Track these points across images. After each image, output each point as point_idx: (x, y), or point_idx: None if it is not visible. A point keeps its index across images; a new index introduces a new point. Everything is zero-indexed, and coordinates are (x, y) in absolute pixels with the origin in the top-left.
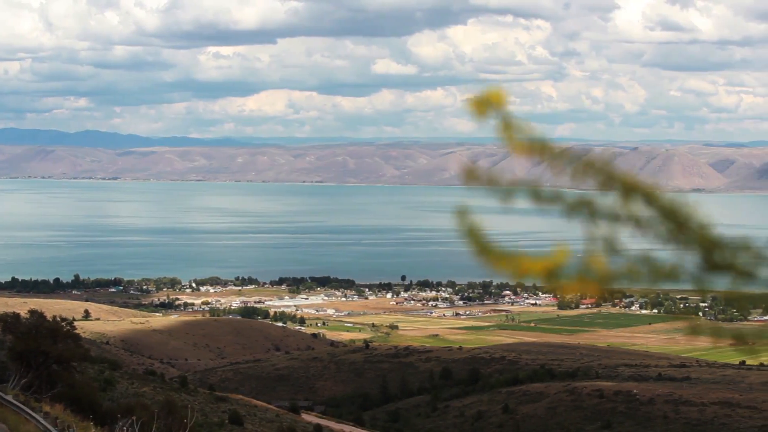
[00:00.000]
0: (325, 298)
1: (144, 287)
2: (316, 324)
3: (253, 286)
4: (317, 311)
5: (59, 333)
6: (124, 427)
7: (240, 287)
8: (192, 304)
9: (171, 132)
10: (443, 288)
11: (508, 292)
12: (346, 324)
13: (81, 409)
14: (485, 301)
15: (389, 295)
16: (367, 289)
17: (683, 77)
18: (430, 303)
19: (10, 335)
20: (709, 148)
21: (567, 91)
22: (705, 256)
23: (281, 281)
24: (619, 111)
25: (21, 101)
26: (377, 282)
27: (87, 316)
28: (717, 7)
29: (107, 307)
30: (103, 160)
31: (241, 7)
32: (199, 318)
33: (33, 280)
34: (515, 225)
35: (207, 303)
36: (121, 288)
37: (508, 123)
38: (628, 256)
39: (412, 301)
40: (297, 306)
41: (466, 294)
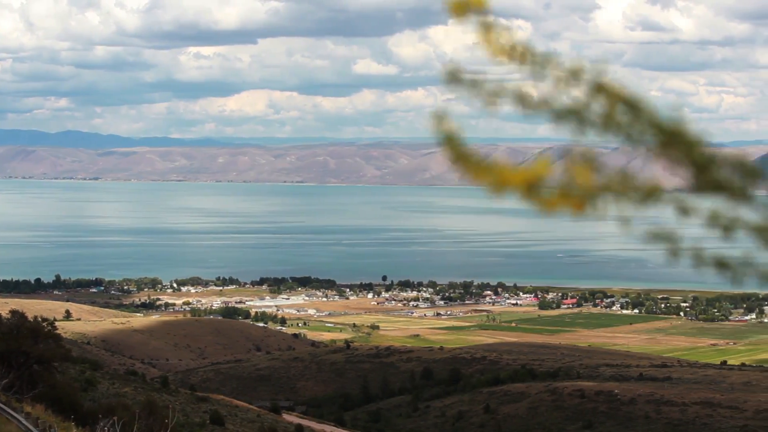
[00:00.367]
0: (306, 298)
1: (125, 287)
2: (297, 324)
3: (234, 286)
4: (298, 311)
5: (40, 333)
6: (105, 428)
7: (221, 287)
8: (173, 304)
9: (152, 132)
10: (424, 288)
11: (488, 292)
12: (327, 324)
13: (62, 410)
14: (466, 301)
15: (370, 296)
16: (348, 290)
17: (664, 77)
18: (411, 303)
19: None
20: None
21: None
22: (696, 173)
23: (262, 281)
24: None
25: (1, 101)
26: (358, 282)
27: (68, 316)
28: (697, 7)
29: (88, 308)
30: (84, 160)
31: (222, 8)
32: (180, 318)
33: (14, 280)
34: (504, 225)
35: (188, 303)
36: (102, 288)
37: (488, 25)
38: (613, 170)
39: (393, 302)
40: (278, 306)
41: (447, 294)
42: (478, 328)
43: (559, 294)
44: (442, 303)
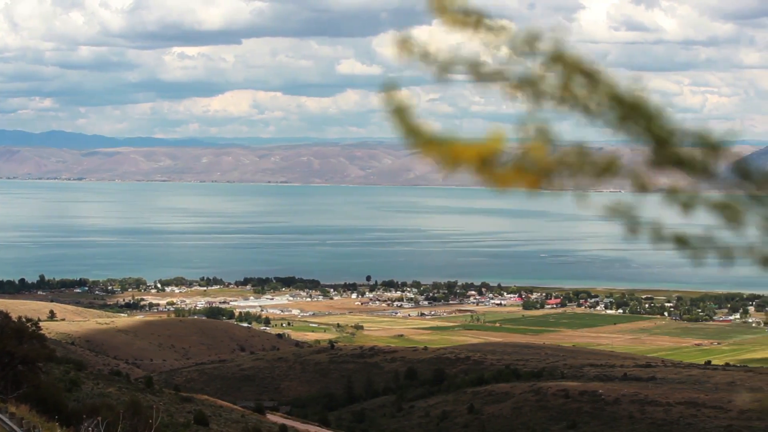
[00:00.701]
0: (290, 298)
1: (109, 288)
2: (281, 324)
3: (218, 286)
4: (282, 311)
5: (25, 334)
6: (89, 428)
7: (205, 287)
8: (157, 304)
9: (136, 132)
10: (408, 288)
11: (473, 292)
12: (311, 324)
13: (47, 410)
14: (450, 302)
15: (354, 296)
16: (332, 290)
17: (648, 77)
18: (395, 303)
19: None
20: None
21: None
22: (655, 147)
23: (246, 281)
24: None
25: None
26: (342, 282)
27: (52, 316)
28: (682, 7)
29: (72, 308)
30: (69, 160)
31: (206, 8)
32: (165, 318)
33: None
34: (488, 225)
35: (172, 303)
36: (87, 288)
37: None
38: (569, 144)
39: (377, 302)
40: (262, 306)
41: (431, 294)
42: (462, 328)
43: (543, 294)
44: (426, 303)
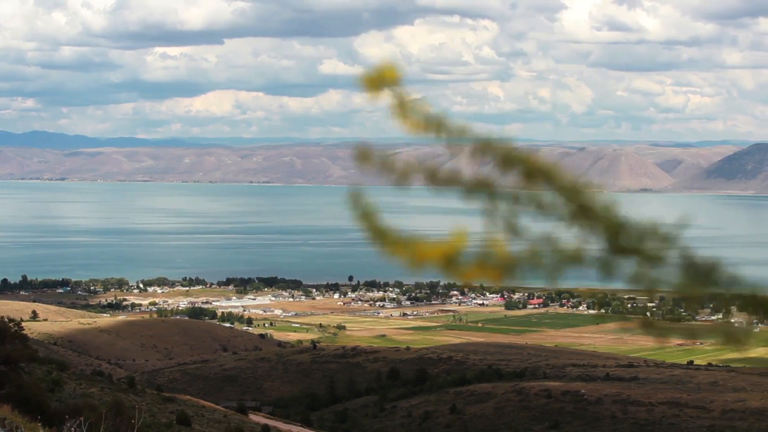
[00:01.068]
0: (273, 298)
1: (91, 288)
2: (263, 324)
3: (201, 286)
4: (264, 312)
5: (7, 334)
6: (72, 428)
7: (187, 288)
8: (139, 304)
9: (118, 132)
10: (390, 288)
11: (455, 292)
12: (293, 324)
13: (29, 410)
14: (432, 302)
15: (336, 296)
16: (315, 290)
17: (630, 77)
18: (377, 303)
19: None
20: (657, 148)
21: (514, 92)
22: (610, 239)
23: (228, 282)
24: (566, 111)
25: None
26: (325, 282)
27: (35, 316)
28: (664, 7)
29: (55, 308)
30: (51, 160)
31: (188, 8)
32: (147, 318)
33: None
34: (470, 225)
35: (154, 304)
36: (69, 289)
37: (401, 100)
38: (530, 239)
39: (359, 302)
40: (244, 306)
41: (413, 294)
42: (444, 328)
43: (526, 294)
44: (408, 303)
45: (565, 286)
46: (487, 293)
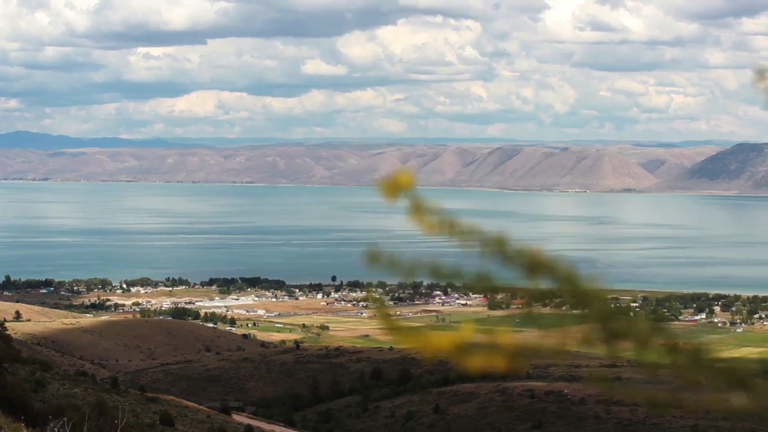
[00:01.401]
0: (256, 298)
1: (75, 288)
2: (246, 325)
3: (184, 286)
4: (248, 312)
5: None
6: (55, 428)
7: (171, 288)
8: (123, 305)
9: (101, 133)
10: (374, 288)
11: (438, 292)
12: (276, 325)
13: (12, 410)
14: (416, 302)
15: (320, 296)
16: (298, 290)
17: (613, 77)
18: (360, 304)
19: None
20: (640, 148)
21: (497, 92)
22: (604, 326)
23: (212, 282)
24: (550, 111)
25: None
26: (308, 283)
27: (18, 317)
28: (647, 8)
29: (38, 308)
30: (34, 161)
31: (171, 8)
32: (130, 319)
33: None
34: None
35: (137, 304)
36: (52, 289)
37: (417, 204)
38: (533, 326)
39: (342, 302)
40: (227, 307)
41: (396, 294)
42: (428, 328)
43: (509, 294)
44: (391, 303)
45: (548, 286)
46: (470, 293)
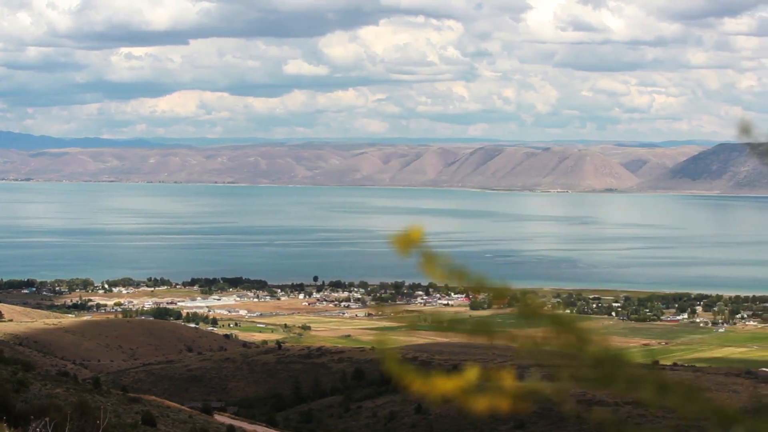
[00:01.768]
0: (238, 298)
1: (57, 288)
2: (228, 325)
3: (166, 287)
4: (229, 312)
5: None
6: (37, 429)
7: (152, 288)
8: (104, 305)
9: (83, 133)
10: (355, 288)
11: (420, 292)
12: (258, 325)
13: None
14: (398, 302)
15: (301, 296)
16: (280, 290)
17: (595, 77)
18: (342, 304)
19: None
20: (622, 148)
21: (479, 92)
22: (597, 371)
23: (193, 282)
24: (531, 111)
25: None
26: (290, 283)
27: (0, 317)
28: (629, 8)
29: (20, 309)
30: (16, 161)
31: (153, 8)
32: (112, 319)
33: None
34: (434, 226)
35: (119, 304)
36: (34, 289)
37: (429, 257)
38: (532, 371)
39: (324, 302)
40: (209, 307)
41: (378, 294)
42: (409, 328)
43: (491, 294)
44: (373, 303)
45: (531, 286)
46: (452, 293)
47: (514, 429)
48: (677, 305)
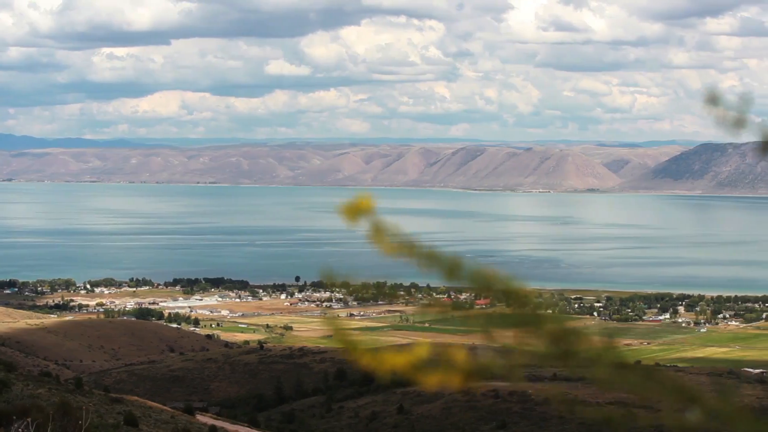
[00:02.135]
0: (219, 299)
1: (39, 289)
2: (210, 325)
3: (148, 287)
4: (211, 312)
5: None
6: (19, 429)
7: (134, 288)
8: (86, 305)
9: (65, 133)
10: (338, 289)
11: (401, 292)
12: (240, 325)
13: None
14: (380, 302)
15: (283, 296)
16: (261, 290)
17: (577, 77)
18: (324, 304)
19: None
20: (603, 148)
21: (460, 92)
22: (555, 346)
23: (175, 282)
24: (513, 111)
25: None
26: (271, 283)
27: None
28: (610, 8)
29: (2, 309)
30: None
31: (135, 8)
32: (94, 319)
33: None
34: (416, 226)
35: (101, 304)
36: (16, 289)
37: (377, 227)
38: (486, 348)
39: (306, 302)
40: (191, 307)
41: (359, 294)
42: (391, 328)
43: (473, 294)
44: (355, 304)
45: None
46: (434, 294)
47: (496, 429)
48: (659, 305)
